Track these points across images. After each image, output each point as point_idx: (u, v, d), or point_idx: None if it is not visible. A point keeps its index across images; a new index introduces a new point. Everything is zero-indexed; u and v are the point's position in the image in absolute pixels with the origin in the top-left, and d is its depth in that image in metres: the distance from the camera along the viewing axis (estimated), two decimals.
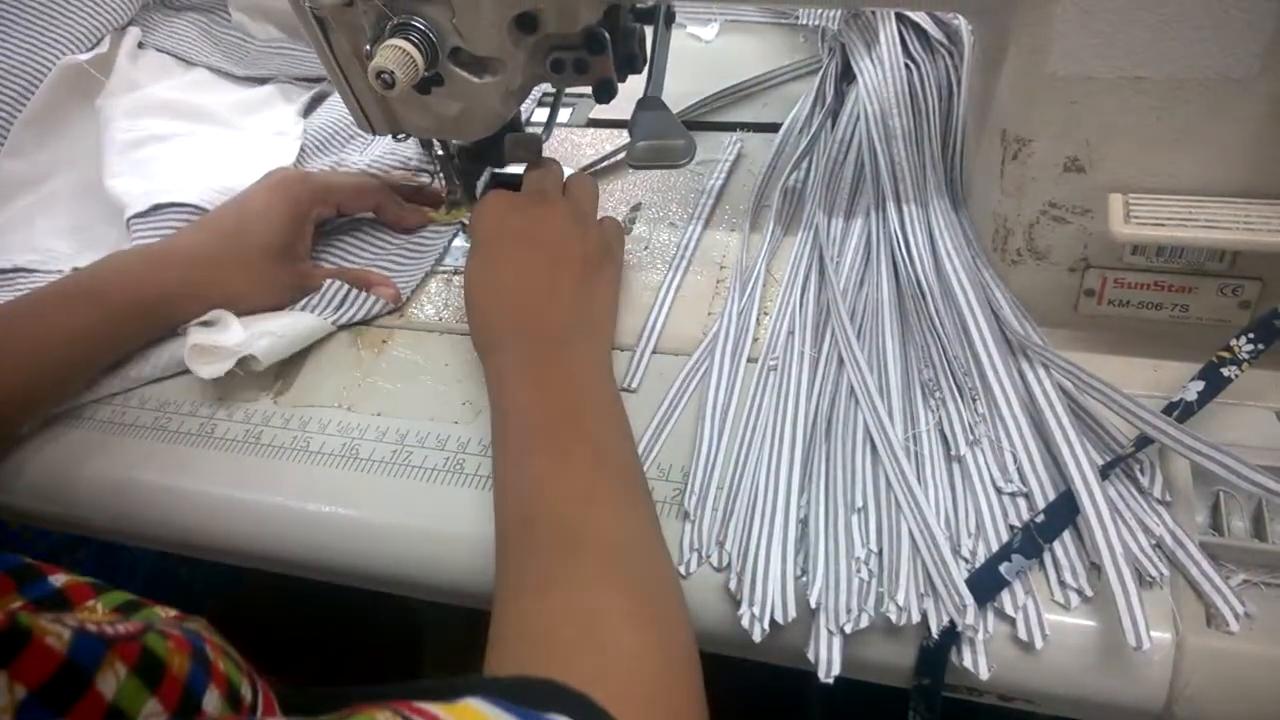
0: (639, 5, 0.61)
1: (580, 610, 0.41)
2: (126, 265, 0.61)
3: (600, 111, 0.67)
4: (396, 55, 0.50)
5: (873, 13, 0.71)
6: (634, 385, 0.58)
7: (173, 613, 0.39)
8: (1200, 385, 0.48)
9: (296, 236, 0.65)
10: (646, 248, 0.68)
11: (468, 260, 0.59)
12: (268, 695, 0.36)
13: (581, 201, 0.61)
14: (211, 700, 0.32)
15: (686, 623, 0.44)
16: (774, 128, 0.76)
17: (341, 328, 0.65)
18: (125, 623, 0.30)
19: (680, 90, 0.78)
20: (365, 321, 0.65)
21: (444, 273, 0.69)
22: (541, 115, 0.67)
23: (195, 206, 0.69)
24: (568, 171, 0.75)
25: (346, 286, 0.65)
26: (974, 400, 0.51)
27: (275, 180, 0.66)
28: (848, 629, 0.44)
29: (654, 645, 0.41)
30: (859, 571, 0.46)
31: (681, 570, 0.48)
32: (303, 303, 0.64)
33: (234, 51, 0.90)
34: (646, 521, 0.47)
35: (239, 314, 0.62)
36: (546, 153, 0.66)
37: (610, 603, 0.42)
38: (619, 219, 0.65)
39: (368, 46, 0.53)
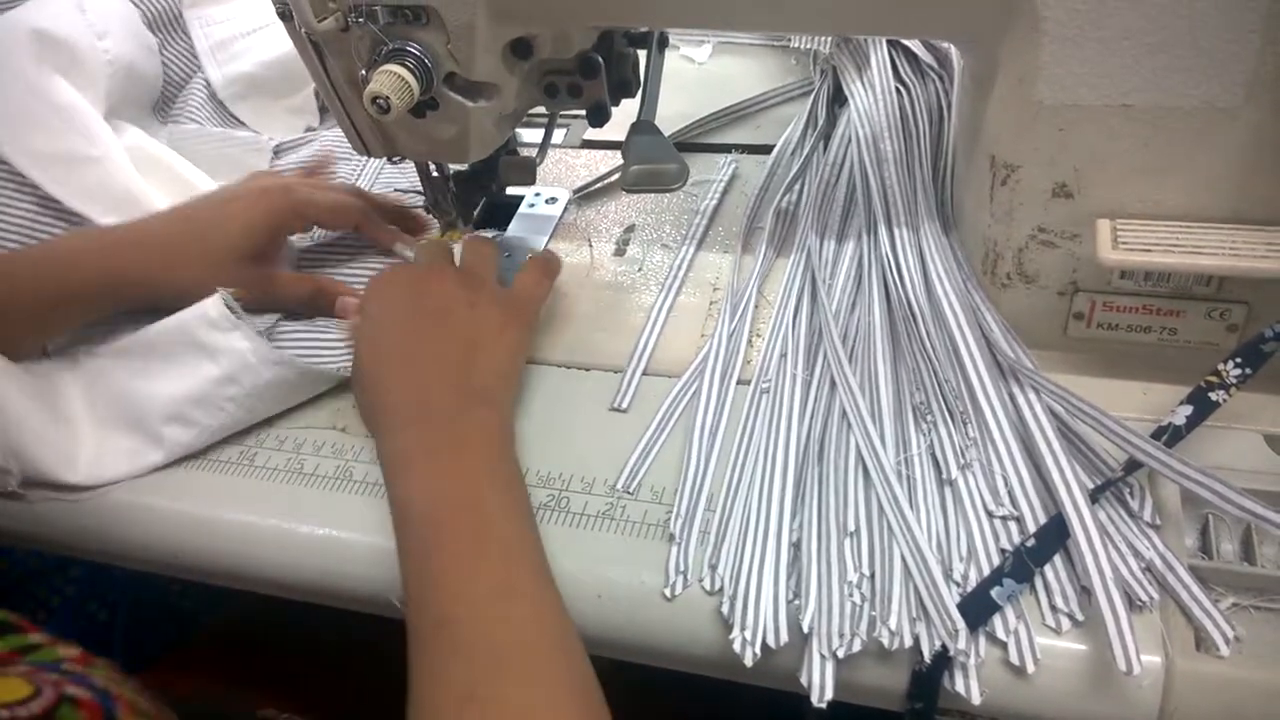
0: (632, 30, 0.61)
1: None
2: (85, 247, 0.61)
3: (594, 133, 0.68)
4: (392, 80, 0.51)
5: (863, 37, 0.72)
6: (624, 406, 0.58)
7: (75, 651, 0.38)
8: (1189, 410, 0.48)
9: (268, 245, 0.64)
10: (640, 269, 0.68)
11: (354, 344, 0.57)
12: None
13: (473, 266, 0.59)
14: None
15: (607, 712, 0.43)
16: (766, 149, 0.76)
17: None
18: (35, 700, 0.29)
19: (673, 111, 0.79)
20: None
21: None
22: (532, 136, 0.67)
23: None
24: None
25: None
26: (965, 424, 0.52)
27: (259, 186, 0.65)
28: (840, 653, 0.44)
29: None
30: (851, 595, 0.46)
31: (667, 593, 0.48)
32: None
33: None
34: (560, 612, 0.46)
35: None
36: (541, 175, 0.66)
37: (537, 706, 0.41)
38: (536, 283, 0.62)
39: (363, 71, 0.53)
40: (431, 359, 0.53)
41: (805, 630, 0.45)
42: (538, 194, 0.76)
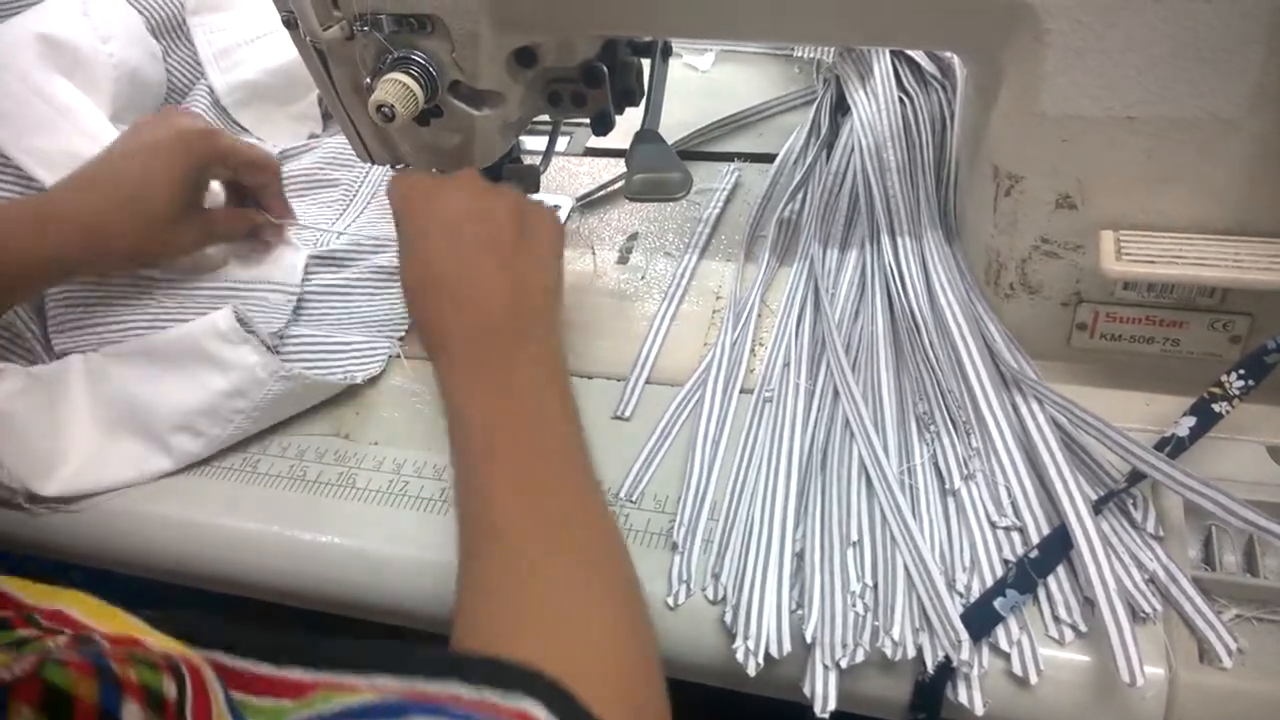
0: (636, 39, 0.61)
1: (561, 602, 0.41)
2: (14, 222, 0.59)
3: (598, 141, 0.68)
4: (397, 89, 0.51)
5: (867, 47, 0.72)
6: (627, 414, 0.58)
7: (64, 638, 0.38)
8: (1192, 421, 0.48)
9: (197, 192, 0.64)
10: (643, 277, 0.68)
11: (401, 255, 0.55)
12: (196, 676, 0.35)
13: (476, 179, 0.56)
14: (131, 714, 0.31)
15: (651, 621, 0.44)
16: (769, 158, 0.77)
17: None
18: (18, 661, 0.29)
19: (676, 120, 0.79)
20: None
21: None
22: (536, 144, 0.67)
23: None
24: (563, 201, 0.75)
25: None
26: (968, 434, 0.52)
27: (174, 132, 0.62)
28: (843, 663, 0.44)
29: (635, 653, 0.41)
30: (854, 605, 0.46)
31: (670, 602, 0.48)
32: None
33: None
34: (610, 537, 0.46)
35: (144, 267, 0.63)
36: (544, 183, 0.66)
37: (591, 634, 0.41)
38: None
39: (368, 80, 0.53)
40: (487, 277, 0.51)
41: (808, 640, 0.45)
42: (541, 201, 0.76)
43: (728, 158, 0.79)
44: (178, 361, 0.59)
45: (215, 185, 0.68)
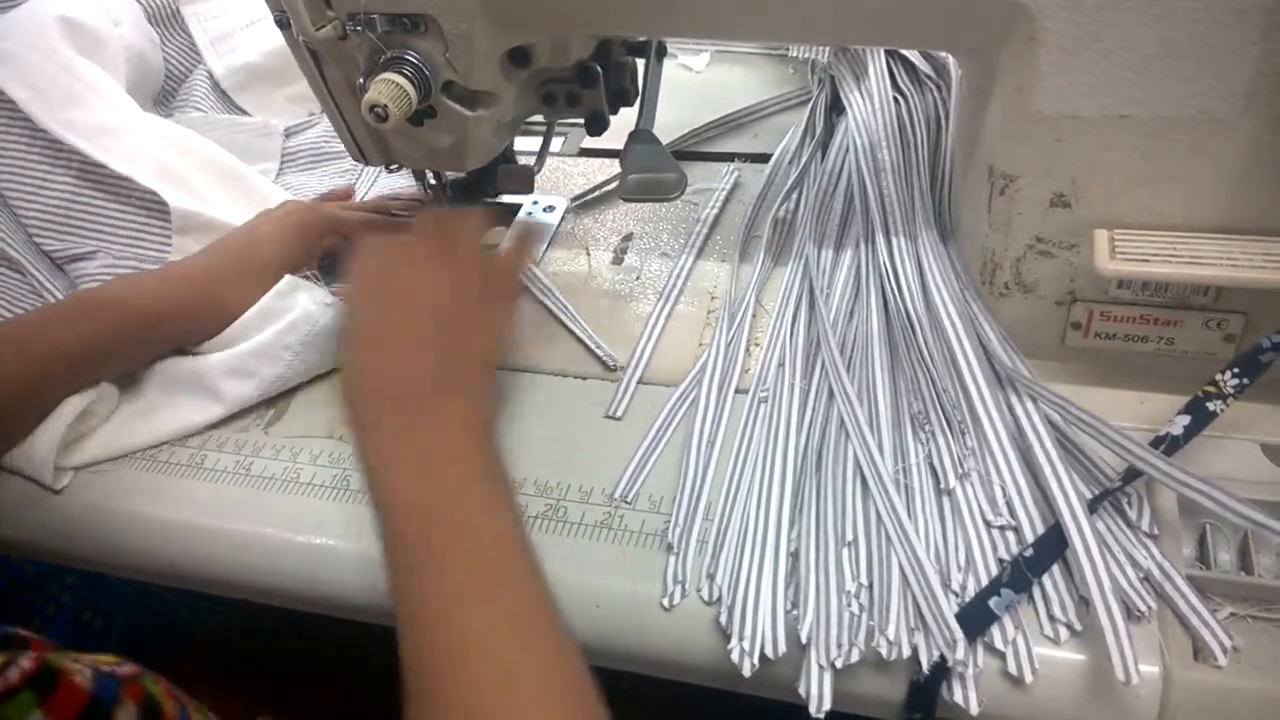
0: (630, 39, 0.61)
1: None
2: (139, 282, 0.63)
3: (592, 141, 0.68)
4: (390, 89, 0.51)
5: (862, 47, 0.72)
6: (619, 414, 0.58)
7: (108, 660, 0.38)
8: (1186, 419, 0.48)
9: (305, 258, 0.67)
10: (638, 277, 0.68)
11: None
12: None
13: (457, 238, 0.56)
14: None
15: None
16: (764, 158, 0.77)
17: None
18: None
19: (671, 120, 0.79)
20: None
21: None
22: (530, 144, 0.67)
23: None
24: (559, 206, 0.75)
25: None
26: (963, 433, 0.52)
27: (288, 208, 0.68)
28: (838, 663, 0.44)
29: None
30: (849, 605, 0.46)
31: (665, 603, 0.48)
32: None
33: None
34: (552, 620, 0.43)
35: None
36: (539, 183, 0.66)
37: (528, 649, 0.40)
38: (518, 254, 0.61)
39: (361, 80, 0.53)
40: (407, 343, 0.49)
41: (803, 640, 0.45)
42: (535, 202, 0.76)
43: (723, 158, 0.79)
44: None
45: None
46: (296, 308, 0.62)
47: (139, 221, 0.70)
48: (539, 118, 0.64)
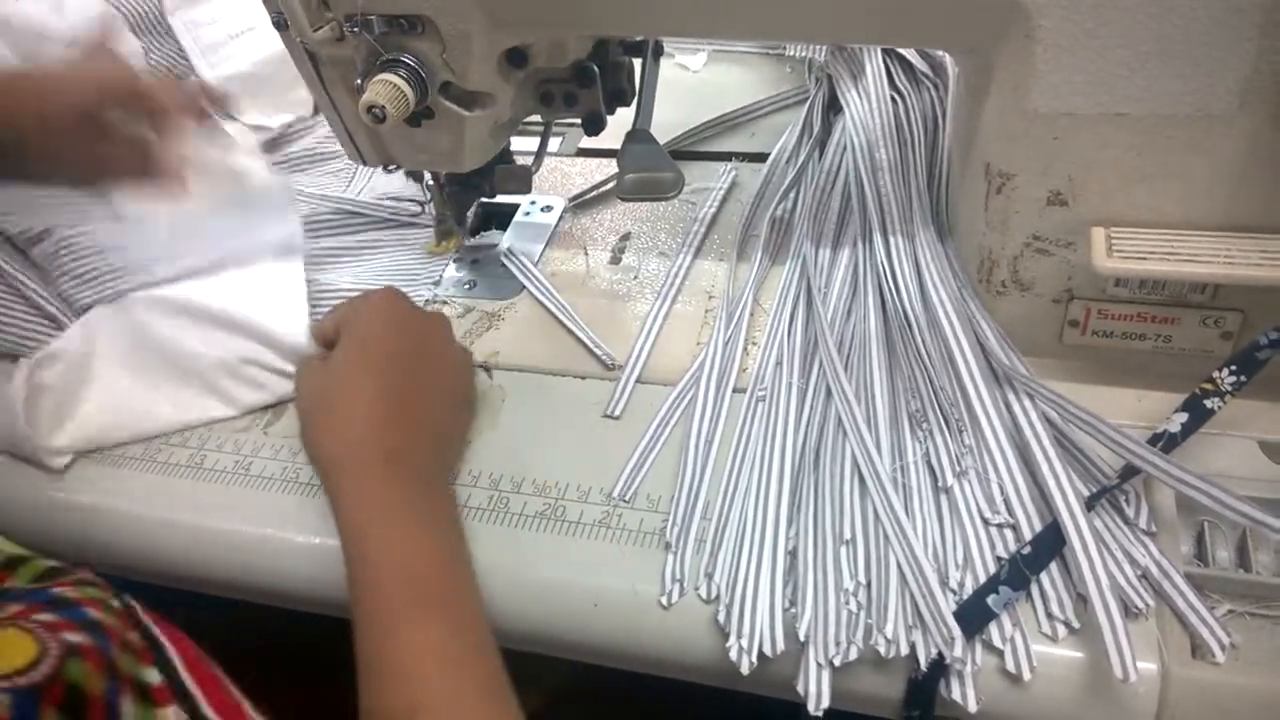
0: (627, 39, 0.61)
1: None
2: None
3: (590, 141, 0.68)
4: (387, 90, 0.51)
5: (859, 46, 0.72)
6: (616, 413, 0.58)
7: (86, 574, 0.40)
8: (1184, 417, 0.48)
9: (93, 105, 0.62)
10: (635, 277, 0.68)
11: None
12: (182, 649, 0.36)
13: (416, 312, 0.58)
14: (128, 712, 0.32)
15: None
16: (761, 157, 0.77)
17: None
18: (43, 662, 0.31)
19: (668, 120, 0.79)
20: None
21: (435, 302, 0.69)
22: (528, 144, 0.67)
23: None
24: (560, 203, 0.75)
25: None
26: (960, 431, 0.52)
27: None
28: (836, 661, 0.44)
29: None
30: (847, 603, 0.46)
31: (663, 601, 0.48)
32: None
33: None
34: (502, 687, 0.44)
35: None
36: (536, 184, 0.66)
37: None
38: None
39: (358, 81, 0.53)
40: (362, 409, 0.51)
41: (801, 638, 0.45)
42: (533, 202, 0.76)
43: (720, 157, 0.79)
44: (229, 327, 0.62)
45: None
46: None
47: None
48: (536, 118, 0.64)
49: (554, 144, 0.83)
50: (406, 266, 0.72)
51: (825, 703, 0.44)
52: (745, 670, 0.45)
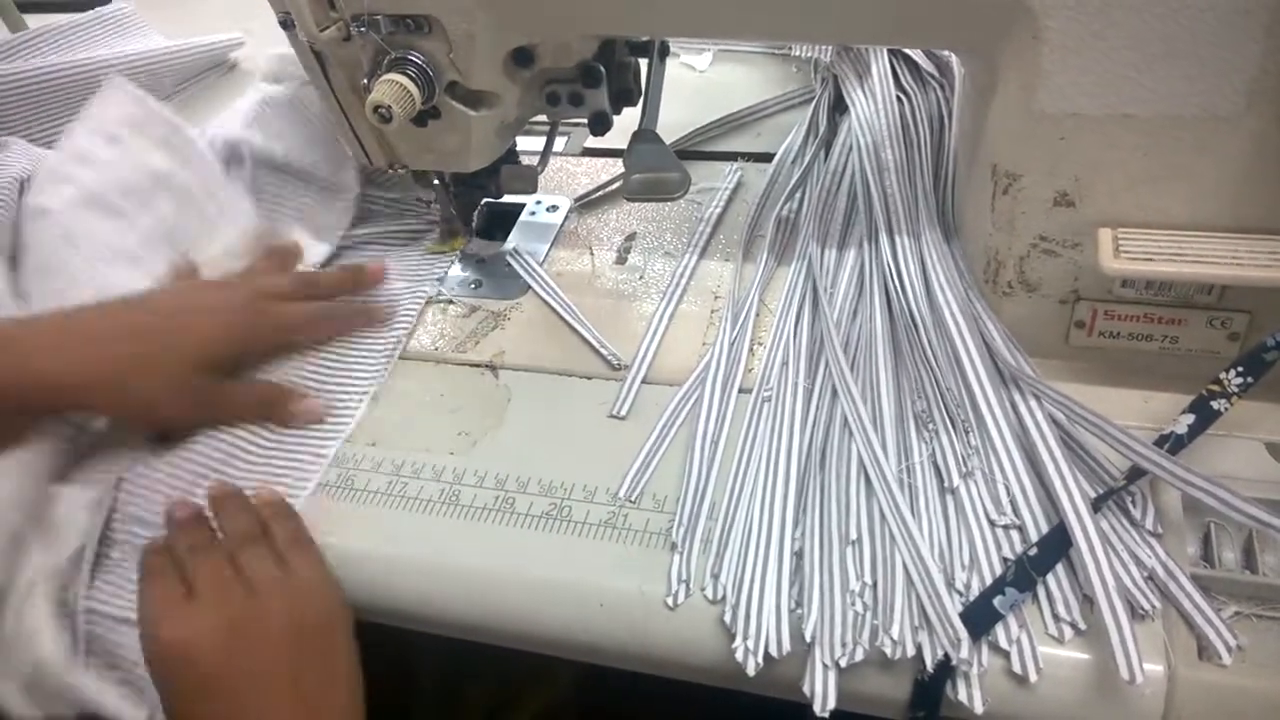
0: (633, 39, 0.61)
1: None
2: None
3: (595, 141, 0.68)
4: (394, 90, 0.51)
5: (864, 45, 0.72)
6: (622, 413, 0.58)
7: None
8: (1191, 418, 0.48)
9: (236, 367, 0.59)
10: (641, 277, 0.68)
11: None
12: None
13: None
14: None
15: None
16: (767, 157, 0.77)
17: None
18: None
19: (674, 120, 0.79)
20: None
21: (440, 302, 0.69)
22: (533, 144, 0.67)
23: None
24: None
25: None
26: (967, 432, 0.52)
27: (223, 299, 0.59)
28: (843, 662, 0.44)
29: None
30: (853, 604, 0.46)
31: (669, 602, 0.48)
32: None
33: None
34: None
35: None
36: (542, 183, 0.66)
37: None
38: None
39: (365, 81, 0.53)
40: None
41: (807, 639, 0.45)
42: (539, 202, 0.76)
43: (726, 157, 0.79)
44: None
45: None
46: None
47: None
48: (542, 118, 0.64)
49: (560, 144, 0.83)
50: (412, 266, 0.72)
51: (831, 704, 0.44)
52: (751, 671, 0.45)
